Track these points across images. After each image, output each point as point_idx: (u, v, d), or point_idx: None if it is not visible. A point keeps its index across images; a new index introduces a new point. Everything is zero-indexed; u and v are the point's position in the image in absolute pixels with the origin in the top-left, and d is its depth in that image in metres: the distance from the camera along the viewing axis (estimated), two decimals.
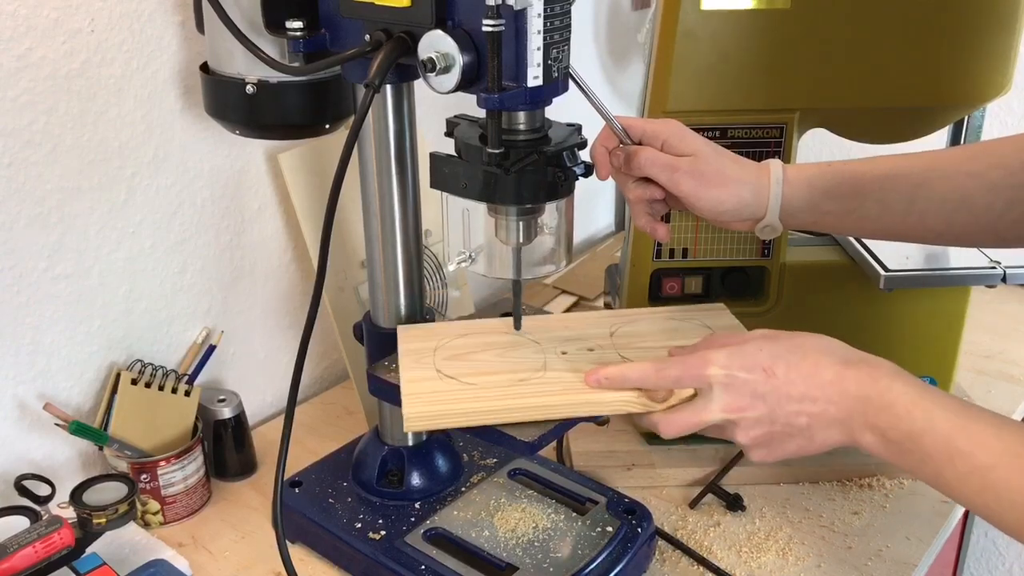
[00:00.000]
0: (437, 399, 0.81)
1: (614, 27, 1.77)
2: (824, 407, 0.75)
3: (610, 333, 0.91)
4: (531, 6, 0.72)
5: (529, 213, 0.83)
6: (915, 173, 0.88)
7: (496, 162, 0.78)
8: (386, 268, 0.95)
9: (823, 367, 0.76)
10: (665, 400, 0.80)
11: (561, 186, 0.81)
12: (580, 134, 0.83)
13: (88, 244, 1.04)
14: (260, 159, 1.19)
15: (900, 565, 1.00)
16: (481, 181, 0.80)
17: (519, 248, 0.84)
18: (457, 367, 0.85)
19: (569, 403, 0.81)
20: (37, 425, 1.03)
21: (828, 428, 0.76)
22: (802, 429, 0.76)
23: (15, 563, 0.84)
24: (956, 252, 1.11)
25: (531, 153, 0.79)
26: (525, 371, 0.84)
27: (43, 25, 0.94)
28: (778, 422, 0.76)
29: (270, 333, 1.28)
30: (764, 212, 0.89)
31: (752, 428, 0.77)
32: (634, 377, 0.80)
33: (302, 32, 0.86)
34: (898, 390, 0.73)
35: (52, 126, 0.97)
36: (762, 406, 0.76)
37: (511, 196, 0.80)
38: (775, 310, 1.11)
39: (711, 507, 1.08)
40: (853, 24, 0.99)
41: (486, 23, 0.71)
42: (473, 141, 0.80)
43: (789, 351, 0.77)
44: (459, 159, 0.82)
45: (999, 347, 1.42)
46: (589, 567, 0.91)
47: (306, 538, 1.02)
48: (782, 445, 0.78)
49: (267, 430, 1.24)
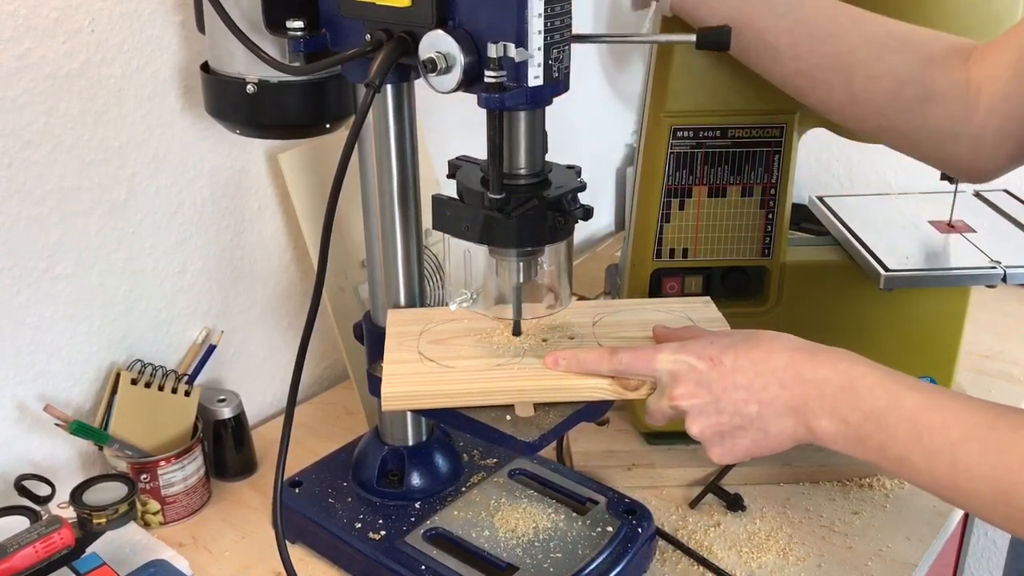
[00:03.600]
0: (414, 381, 0.84)
1: (614, 27, 1.77)
2: (776, 392, 0.73)
3: (593, 322, 0.92)
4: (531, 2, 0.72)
5: (529, 254, 0.84)
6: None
7: (497, 207, 0.79)
8: (386, 268, 0.95)
9: (776, 352, 0.75)
10: (636, 389, 0.81)
11: (561, 229, 0.82)
12: (579, 177, 0.84)
13: (88, 244, 1.04)
14: (260, 159, 1.19)
15: (900, 565, 1.00)
16: (482, 224, 0.81)
17: (519, 288, 0.86)
18: (438, 350, 0.87)
19: (541, 387, 0.83)
20: (37, 425, 1.03)
21: (781, 417, 0.74)
22: (752, 419, 0.75)
23: (15, 563, 0.84)
24: (956, 252, 1.11)
25: (531, 198, 0.80)
26: (503, 357, 0.86)
27: (43, 25, 0.94)
28: (725, 412, 0.75)
29: (270, 333, 1.28)
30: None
31: (699, 417, 0.76)
32: (589, 360, 0.81)
33: (303, 32, 0.86)
34: (859, 371, 0.71)
35: (52, 126, 0.97)
36: (706, 394, 0.76)
37: (512, 239, 0.81)
38: (775, 310, 1.11)
39: (711, 507, 1.08)
40: None
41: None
42: (475, 186, 0.81)
43: (740, 342, 0.77)
44: (461, 202, 0.83)
45: (999, 347, 1.42)
46: (589, 567, 0.91)
47: (306, 538, 1.02)
48: (736, 440, 0.76)
49: (267, 430, 1.24)
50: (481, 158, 0.82)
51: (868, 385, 0.70)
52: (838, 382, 0.71)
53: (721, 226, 1.08)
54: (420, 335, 0.90)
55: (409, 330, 0.91)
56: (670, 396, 0.78)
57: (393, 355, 0.87)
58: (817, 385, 0.72)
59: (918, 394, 0.69)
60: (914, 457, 0.68)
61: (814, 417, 0.72)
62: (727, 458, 0.78)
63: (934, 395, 0.69)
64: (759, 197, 1.07)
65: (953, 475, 0.67)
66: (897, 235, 1.14)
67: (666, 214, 1.07)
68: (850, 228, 1.15)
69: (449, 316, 0.93)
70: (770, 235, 1.08)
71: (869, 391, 0.70)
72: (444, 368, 0.85)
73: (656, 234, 1.08)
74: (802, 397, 0.72)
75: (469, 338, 0.90)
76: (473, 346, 0.88)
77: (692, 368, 0.76)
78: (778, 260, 1.10)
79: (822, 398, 0.72)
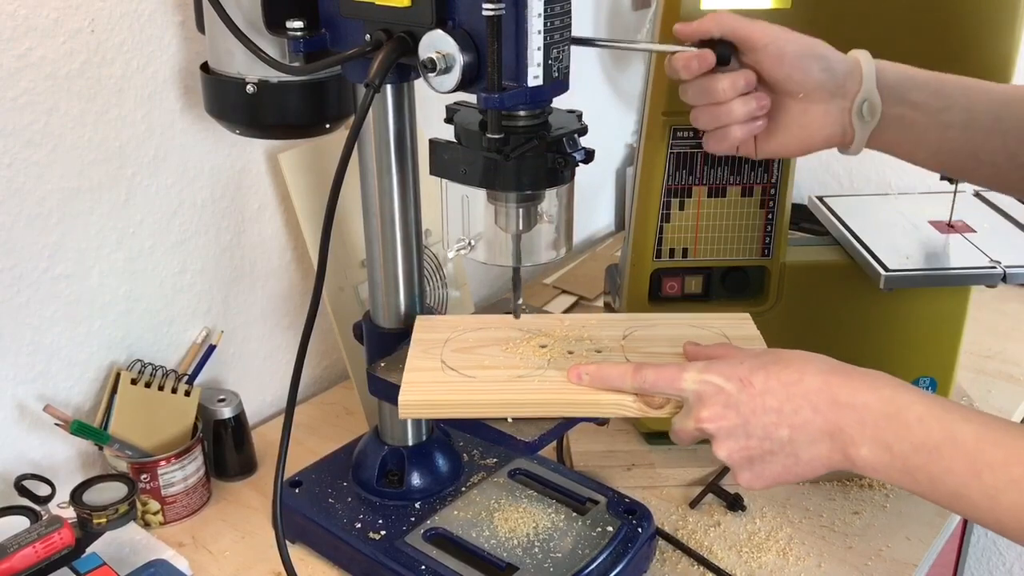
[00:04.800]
0: (433, 389, 0.82)
1: (614, 27, 1.77)
2: (808, 417, 0.69)
3: (623, 336, 0.90)
4: (531, 2, 0.72)
5: (529, 200, 0.82)
6: (999, 92, 0.83)
7: (496, 148, 0.77)
8: (386, 268, 0.95)
9: (808, 374, 0.71)
10: (661, 407, 0.78)
11: (561, 172, 0.81)
12: (581, 120, 0.83)
13: (88, 244, 1.04)
14: (260, 159, 1.19)
15: (900, 565, 1.00)
16: (481, 167, 0.80)
17: (519, 236, 0.84)
18: (461, 359, 0.86)
19: (562, 401, 0.81)
20: (37, 425, 1.03)
21: (814, 443, 0.70)
22: (783, 444, 0.71)
23: (15, 563, 0.84)
24: (956, 252, 1.11)
25: (531, 139, 0.78)
26: (526, 368, 0.84)
27: (43, 25, 0.94)
28: (754, 436, 0.71)
29: (270, 333, 1.28)
30: (859, 84, 0.82)
31: (727, 441, 0.72)
32: (612, 376, 0.79)
33: (302, 32, 0.86)
34: (905, 398, 0.67)
35: (52, 126, 0.97)
36: (735, 416, 0.72)
37: (511, 182, 0.80)
38: (775, 310, 1.11)
39: (711, 507, 1.08)
40: (853, 24, 0.98)
41: (486, 7, 0.70)
42: (473, 127, 0.80)
43: (771, 362, 0.73)
44: (459, 145, 0.82)
45: (999, 347, 1.42)
46: (589, 567, 0.91)
47: (306, 538, 1.01)
48: (766, 465, 0.72)
49: (267, 430, 1.24)
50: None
51: (918, 415, 0.66)
52: (882, 409, 0.67)
53: (721, 226, 1.08)
54: (445, 343, 0.89)
55: (435, 337, 0.90)
56: (696, 418, 0.74)
57: (414, 363, 0.86)
58: (856, 411, 0.68)
59: (974, 426, 0.65)
60: (972, 494, 0.64)
61: (852, 444, 0.68)
62: (757, 484, 0.73)
63: (991, 427, 0.65)
64: (759, 197, 1.07)
65: (1018, 514, 0.63)
66: (897, 235, 1.14)
67: (666, 214, 1.07)
68: (850, 228, 1.15)
69: (477, 324, 0.92)
70: (770, 235, 1.08)
71: (919, 421, 0.66)
72: (464, 378, 0.83)
73: (656, 234, 1.08)
74: (838, 423, 0.69)
75: (494, 347, 0.88)
76: (497, 356, 0.87)
77: (720, 389, 0.73)
78: (778, 260, 1.10)
79: (862, 425, 0.68)
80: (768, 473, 0.72)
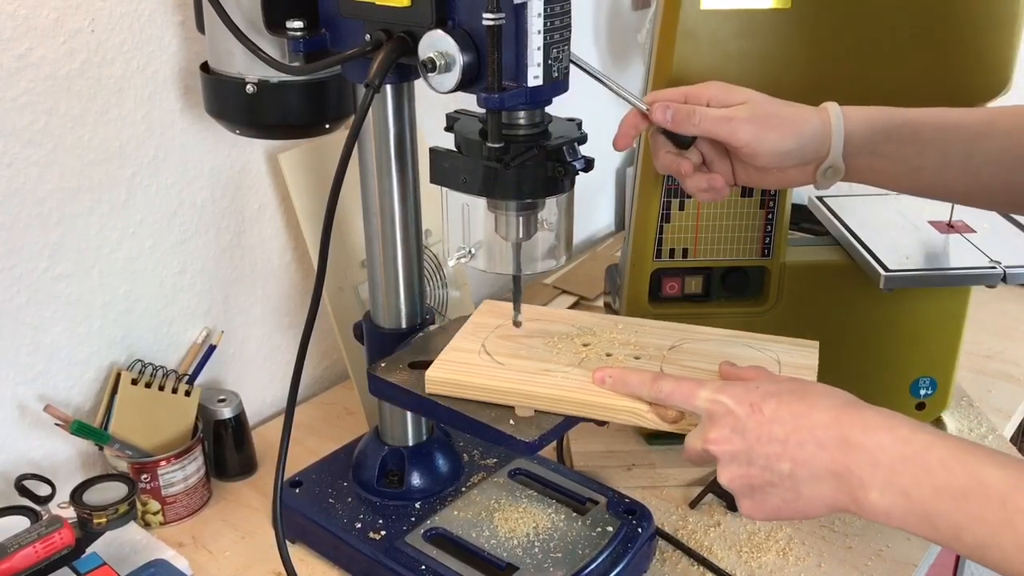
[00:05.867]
0: (460, 370, 0.84)
1: (614, 27, 1.77)
2: (812, 452, 0.66)
3: (671, 346, 0.89)
4: (531, 2, 0.72)
5: (529, 208, 0.83)
6: (974, 124, 0.83)
7: (496, 157, 0.77)
8: (386, 268, 0.95)
9: (819, 409, 0.67)
10: (676, 421, 0.77)
11: (561, 181, 0.81)
12: (580, 129, 0.83)
13: (88, 244, 1.04)
14: (260, 159, 1.19)
15: (900, 565, 1.00)
16: (481, 176, 0.80)
17: (519, 244, 0.84)
18: (501, 346, 0.88)
19: (578, 400, 0.81)
20: (37, 425, 1.03)
21: (817, 480, 0.66)
22: (783, 477, 0.67)
23: (15, 563, 0.84)
24: (956, 252, 1.11)
25: (531, 148, 0.78)
26: (557, 364, 0.85)
27: (43, 25, 0.94)
28: (756, 464, 0.68)
29: (270, 333, 1.28)
30: (827, 151, 0.83)
31: (730, 465, 0.70)
32: (633, 382, 0.79)
33: (302, 32, 0.86)
34: (923, 439, 0.63)
35: (52, 126, 0.97)
36: (740, 441, 0.69)
37: (511, 191, 0.80)
38: (775, 310, 1.11)
39: (711, 507, 1.08)
40: (853, 24, 0.99)
41: (486, 16, 0.71)
42: (473, 136, 0.80)
43: (787, 391, 0.70)
44: (459, 154, 0.82)
45: (999, 347, 1.42)
46: (589, 567, 0.91)
47: (306, 538, 1.02)
48: (765, 496, 0.69)
49: (267, 430, 1.24)
50: (480, 112, 0.80)
51: (939, 457, 0.62)
52: (898, 451, 0.63)
53: (721, 226, 1.08)
54: (496, 328, 0.91)
55: (488, 322, 0.92)
56: (704, 438, 0.72)
57: (457, 343, 0.89)
58: (869, 451, 0.64)
59: (1003, 471, 0.60)
60: (1004, 543, 0.59)
61: (862, 488, 0.64)
62: (757, 514, 0.70)
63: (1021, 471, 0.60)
64: (759, 197, 1.07)
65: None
66: (897, 235, 1.14)
67: (666, 214, 1.07)
68: (850, 228, 1.15)
69: (535, 315, 0.93)
70: (770, 235, 1.08)
71: (942, 464, 0.61)
72: (494, 364, 0.85)
73: (656, 234, 1.08)
74: (846, 463, 0.65)
75: (538, 340, 0.89)
76: (536, 348, 0.88)
77: (729, 412, 0.70)
78: (778, 260, 1.10)
79: (875, 466, 0.63)
80: (768, 505, 0.70)
